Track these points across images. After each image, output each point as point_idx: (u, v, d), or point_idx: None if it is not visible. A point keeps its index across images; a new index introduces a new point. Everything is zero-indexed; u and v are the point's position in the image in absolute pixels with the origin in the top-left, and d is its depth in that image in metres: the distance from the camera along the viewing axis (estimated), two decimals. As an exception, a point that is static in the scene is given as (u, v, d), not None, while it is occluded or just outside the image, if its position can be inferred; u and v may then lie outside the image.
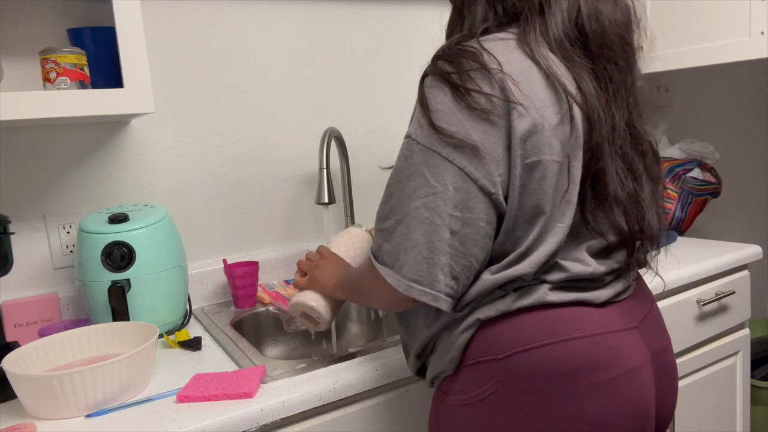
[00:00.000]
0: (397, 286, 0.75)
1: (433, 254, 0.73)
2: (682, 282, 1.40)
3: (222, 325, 1.27)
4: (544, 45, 0.75)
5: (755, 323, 1.92)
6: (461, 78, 0.72)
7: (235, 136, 1.48)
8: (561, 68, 0.75)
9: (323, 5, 1.57)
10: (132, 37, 1.09)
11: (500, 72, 0.71)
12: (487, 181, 0.72)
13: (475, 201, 0.72)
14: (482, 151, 0.71)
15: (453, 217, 0.72)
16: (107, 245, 1.13)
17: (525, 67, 0.73)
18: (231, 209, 1.49)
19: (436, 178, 0.72)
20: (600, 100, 0.76)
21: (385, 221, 0.77)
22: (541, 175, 0.72)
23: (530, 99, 0.72)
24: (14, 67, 1.20)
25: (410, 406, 1.03)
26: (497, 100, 0.71)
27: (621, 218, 0.80)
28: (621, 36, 0.79)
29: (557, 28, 0.75)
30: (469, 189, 0.72)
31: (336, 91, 1.61)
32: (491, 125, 0.71)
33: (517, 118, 0.71)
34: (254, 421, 0.88)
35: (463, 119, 0.71)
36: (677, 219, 1.77)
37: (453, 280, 0.74)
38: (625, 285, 0.83)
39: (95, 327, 1.06)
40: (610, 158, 0.77)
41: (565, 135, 0.73)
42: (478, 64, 0.72)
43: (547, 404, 0.74)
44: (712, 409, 1.53)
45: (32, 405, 0.89)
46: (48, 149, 1.27)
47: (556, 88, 0.73)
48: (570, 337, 0.75)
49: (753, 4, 1.50)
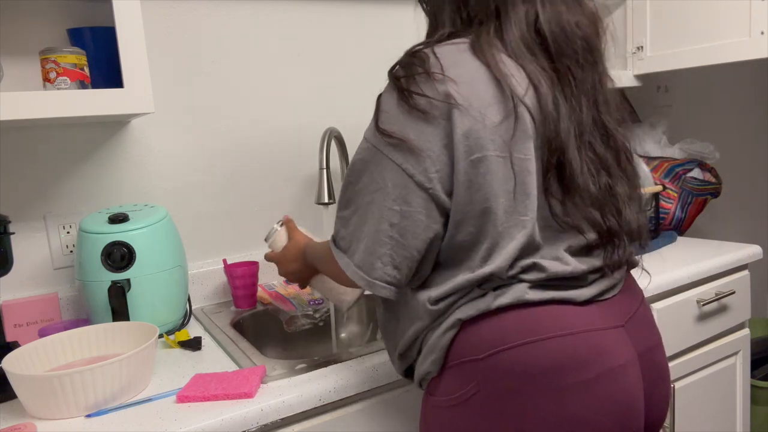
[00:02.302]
0: (345, 269, 0.83)
1: (374, 245, 0.79)
2: (682, 282, 1.40)
3: (222, 325, 1.27)
4: (497, 47, 0.79)
5: (755, 323, 1.92)
6: (407, 82, 0.77)
7: (235, 135, 1.48)
8: (512, 69, 0.78)
9: (323, 5, 1.57)
10: (132, 37, 1.09)
11: (441, 75, 0.76)
12: (423, 177, 0.77)
13: (412, 195, 0.77)
14: (418, 149, 0.76)
15: (392, 210, 0.78)
16: (107, 245, 1.13)
17: (471, 69, 0.77)
18: (231, 209, 1.49)
19: (380, 174, 0.79)
20: (559, 96, 0.79)
21: (343, 210, 0.85)
22: (485, 170, 0.75)
23: (471, 99, 0.76)
24: (14, 67, 1.20)
25: (410, 406, 1.03)
26: (437, 101, 0.76)
27: (596, 213, 0.81)
28: (585, 38, 0.82)
29: (513, 31, 0.80)
30: (407, 184, 0.77)
31: (336, 91, 1.61)
32: (428, 125, 0.76)
33: (458, 118, 0.75)
34: (254, 421, 0.88)
35: (403, 120, 0.77)
36: (677, 219, 1.77)
37: (394, 270, 0.79)
38: (611, 284, 0.83)
39: (95, 327, 1.06)
40: (577, 151, 0.79)
41: (509, 131, 0.76)
42: (423, 69, 0.77)
43: (531, 403, 0.74)
44: (712, 409, 1.53)
45: (32, 405, 0.89)
46: (48, 149, 1.27)
47: (503, 87, 0.76)
48: (551, 335, 0.75)
49: (753, 4, 1.50)
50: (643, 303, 0.89)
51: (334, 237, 0.87)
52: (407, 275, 0.80)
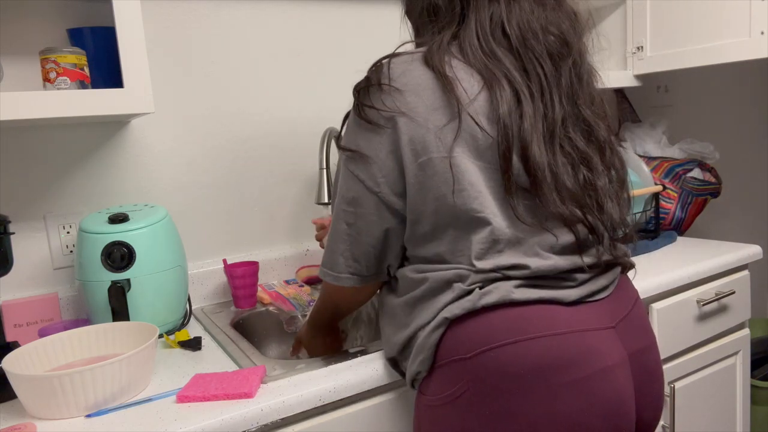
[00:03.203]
0: (319, 274, 0.94)
1: (335, 243, 0.89)
2: (682, 282, 1.40)
3: (222, 325, 1.27)
4: (452, 53, 0.82)
5: (755, 323, 1.92)
6: (360, 95, 0.85)
7: (235, 136, 1.48)
8: (462, 73, 0.80)
9: (323, 5, 1.57)
10: (132, 37, 1.09)
11: (388, 86, 0.82)
12: (372, 182, 0.84)
13: (363, 198, 0.85)
14: (367, 157, 0.83)
15: (347, 212, 0.87)
16: (107, 245, 1.13)
17: (418, 77, 0.81)
18: (231, 209, 1.49)
19: (341, 182, 0.88)
20: (524, 94, 0.79)
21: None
22: (432, 171, 0.79)
23: (416, 106, 0.80)
24: (14, 67, 1.20)
25: (410, 406, 1.03)
26: (383, 111, 0.81)
27: (575, 208, 0.80)
28: (558, 35, 0.83)
29: (472, 36, 0.82)
30: (358, 189, 0.85)
31: (336, 91, 1.61)
32: (375, 134, 0.83)
33: (403, 126, 0.80)
34: (254, 421, 0.88)
35: (356, 132, 0.85)
36: (677, 219, 1.77)
37: (355, 262, 0.89)
38: (601, 285, 0.83)
39: (95, 327, 1.06)
40: (544, 147, 0.79)
41: (453, 133, 0.78)
42: (375, 80, 0.84)
43: (519, 403, 0.74)
44: (712, 409, 1.53)
45: (32, 405, 0.89)
46: (48, 149, 1.27)
47: (448, 93, 0.79)
48: (538, 335, 0.75)
49: (753, 4, 1.50)
50: (636, 304, 0.88)
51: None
52: (368, 266, 0.89)
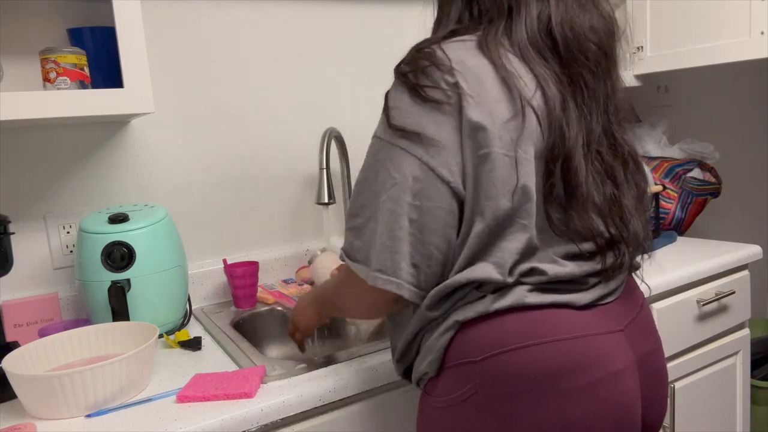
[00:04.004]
0: (365, 278, 0.77)
1: (394, 242, 0.75)
2: (682, 282, 1.40)
3: (222, 325, 1.27)
4: (505, 47, 0.77)
5: (755, 323, 1.92)
6: (416, 76, 0.75)
7: (235, 136, 1.48)
8: (519, 69, 0.76)
9: (322, 5, 1.57)
10: (132, 37, 1.09)
11: (449, 68, 0.74)
12: (446, 170, 0.74)
13: (433, 190, 0.74)
14: (438, 141, 0.74)
15: (412, 206, 0.74)
16: (107, 245, 1.13)
17: (479, 65, 0.75)
18: (231, 209, 1.49)
19: (396, 169, 0.75)
20: (567, 103, 0.76)
21: (356, 218, 0.80)
22: (490, 167, 0.73)
23: (480, 94, 0.74)
24: (14, 67, 1.20)
25: (410, 406, 1.03)
26: (449, 92, 0.74)
27: (599, 222, 0.79)
28: (599, 44, 0.79)
29: (522, 32, 0.77)
30: (428, 178, 0.74)
31: (336, 91, 1.61)
32: (444, 116, 0.74)
33: (468, 109, 0.73)
34: (254, 421, 0.88)
35: (418, 113, 0.75)
36: (677, 219, 1.77)
37: (413, 268, 0.76)
38: (611, 288, 0.83)
39: (95, 327, 1.06)
40: (583, 160, 0.77)
41: (517, 130, 0.74)
42: (430, 62, 0.75)
43: (527, 407, 0.73)
44: (712, 409, 1.53)
45: (32, 405, 0.89)
46: (48, 149, 1.27)
47: (510, 86, 0.74)
48: (549, 339, 0.74)
49: (753, 4, 1.50)
50: (643, 307, 0.88)
51: (347, 252, 0.81)
52: (427, 275, 0.77)
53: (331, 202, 1.33)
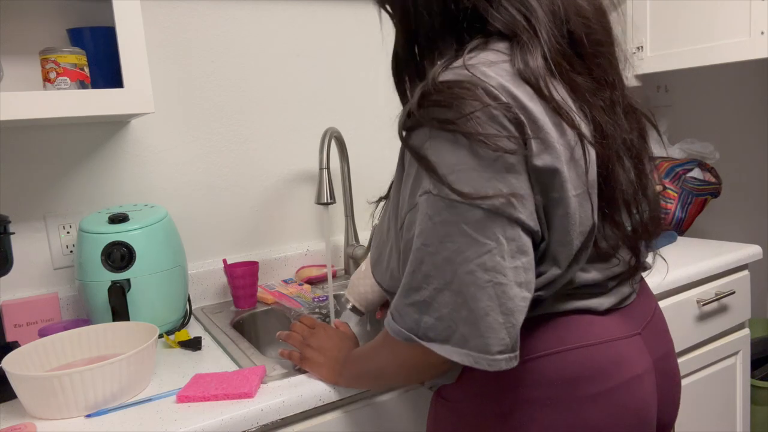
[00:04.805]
0: (474, 363, 0.66)
1: (509, 317, 0.65)
2: (682, 282, 1.40)
3: (222, 325, 1.27)
4: (541, 66, 0.67)
5: (755, 323, 1.92)
6: (467, 124, 0.63)
7: (235, 136, 1.48)
8: (562, 92, 0.69)
9: (323, 5, 1.57)
10: (132, 37, 1.09)
11: (506, 105, 0.63)
12: (531, 222, 0.66)
13: (526, 244, 0.66)
14: (518, 194, 0.65)
15: (516, 269, 0.65)
16: (107, 245, 1.13)
17: (527, 96, 0.65)
18: (231, 209, 1.49)
19: (483, 233, 0.64)
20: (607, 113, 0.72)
21: (419, 292, 0.68)
22: (563, 212, 0.67)
23: (543, 131, 0.65)
24: (14, 67, 1.20)
25: (411, 406, 1.03)
26: (513, 138, 0.64)
27: (627, 221, 0.77)
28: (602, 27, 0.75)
29: (548, 41, 0.68)
30: (520, 234, 0.65)
31: (336, 91, 1.61)
32: (517, 163, 0.65)
33: (536, 153, 0.65)
34: (254, 421, 0.88)
35: (491, 173, 0.64)
36: (677, 219, 1.77)
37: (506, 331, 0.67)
38: (629, 291, 0.82)
39: (95, 327, 1.06)
40: (620, 167, 0.74)
41: (582, 166, 0.68)
42: (480, 103, 0.63)
43: (549, 413, 0.73)
44: (712, 409, 1.53)
45: (32, 405, 0.89)
46: (48, 149, 1.27)
47: (562, 117, 0.66)
48: (573, 346, 0.74)
49: (753, 4, 1.50)
50: (657, 307, 0.88)
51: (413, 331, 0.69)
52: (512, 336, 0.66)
53: (331, 202, 1.32)
